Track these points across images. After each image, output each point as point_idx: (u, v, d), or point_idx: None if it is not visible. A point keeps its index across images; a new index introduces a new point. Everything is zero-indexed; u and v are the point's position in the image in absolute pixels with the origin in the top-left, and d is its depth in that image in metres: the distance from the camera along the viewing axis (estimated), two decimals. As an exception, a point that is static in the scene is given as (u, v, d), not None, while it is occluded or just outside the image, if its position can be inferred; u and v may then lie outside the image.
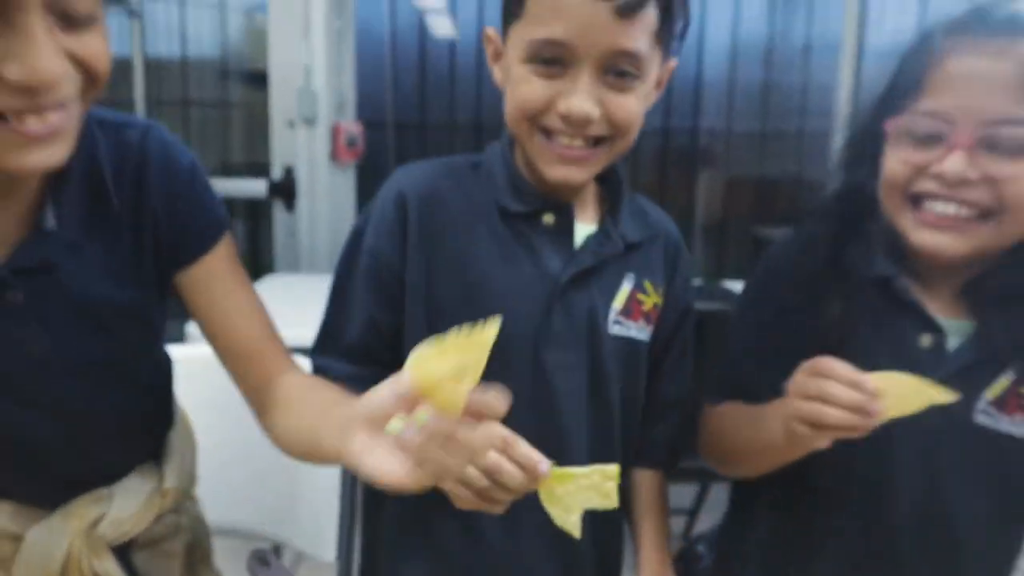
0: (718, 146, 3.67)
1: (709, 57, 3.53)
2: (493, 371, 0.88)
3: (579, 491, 0.71)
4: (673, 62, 0.91)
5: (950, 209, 0.75)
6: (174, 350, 1.03)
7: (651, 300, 0.97)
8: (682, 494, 2.60)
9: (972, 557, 0.85)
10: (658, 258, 0.99)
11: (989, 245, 0.77)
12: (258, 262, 4.39)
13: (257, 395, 0.88)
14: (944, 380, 0.79)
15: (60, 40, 0.59)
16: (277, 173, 3.06)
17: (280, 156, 3.08)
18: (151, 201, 0.77)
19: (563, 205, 0.92)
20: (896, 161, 0.79)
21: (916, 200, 0.79)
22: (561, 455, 0.89)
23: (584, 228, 0.94)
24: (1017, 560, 0.90)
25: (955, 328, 0.83)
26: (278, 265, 4.18)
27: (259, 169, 3.16)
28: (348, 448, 0.60)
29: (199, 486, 1.06)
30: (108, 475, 0.88)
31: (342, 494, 1.31)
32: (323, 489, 1.31)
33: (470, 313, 0.80)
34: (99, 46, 0.62)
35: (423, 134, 3.60)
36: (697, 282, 0.98)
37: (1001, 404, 0.80)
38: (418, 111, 3.57)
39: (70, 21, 0.59)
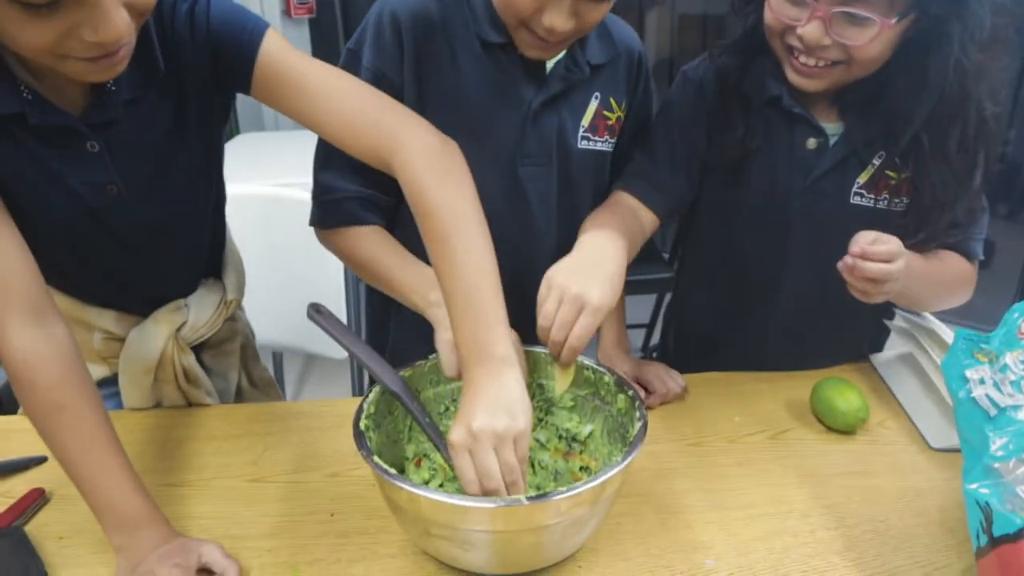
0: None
1: None
2: (479, 185, 1.05)
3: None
4: None
5: (811, 62, 0.94)
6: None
7: (615, 115, 1.08)
8: (640, 308, 2.88)
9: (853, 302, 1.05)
10: (622, 75, 1.08)
11: (842, 81, 0.96)
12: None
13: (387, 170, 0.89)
14: (826, 172, 1.03)
15: None
16: (232, 32, 3.05)
17: (233, 14, 3.07)
18: (186, 56, 0.86)
19: None
20: (771, 14, 0.96)
21: (789, 48, 0.96)
22: (533, 252, 1.09)
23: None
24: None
25: (833, 131, 1.04)
26: (243, 126, 4.21)
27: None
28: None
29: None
30: (183, 288, 1.07)
31: (347, 304, 1.52)
32: (329, 304, 1.52)
33: (456, 136, 0.92)
34: None
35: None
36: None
37: (871, 187, 1.03)
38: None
39: None
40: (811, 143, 1.03)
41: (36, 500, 0.88)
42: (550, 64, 1.03)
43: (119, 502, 0.77)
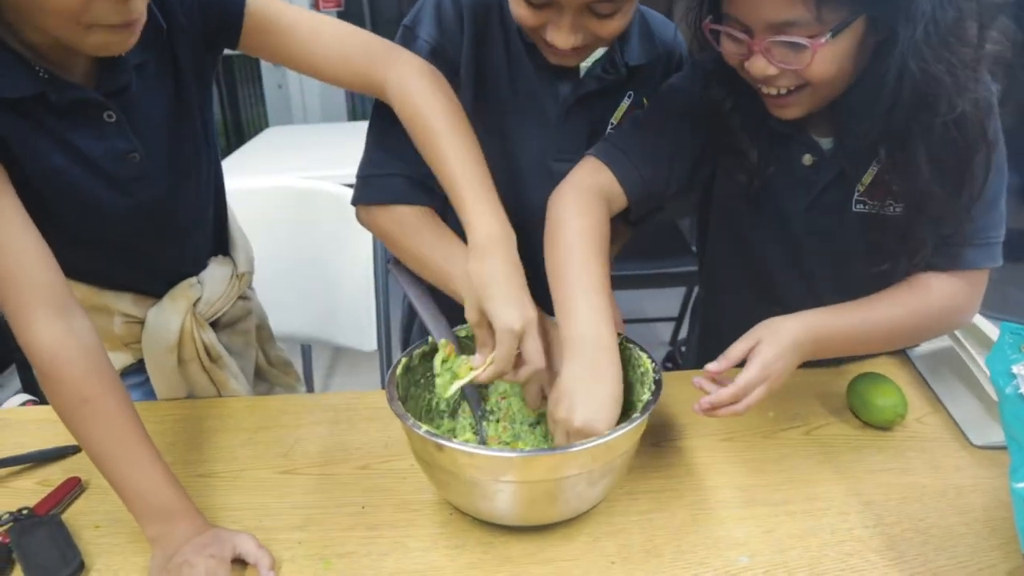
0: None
1: None
2: (513, 179, 1.04)
3: None
4: None
5: (772, 91, 0.90)
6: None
7: None
8: (668, 301, 2.85)
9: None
10: (659, 75, 1.07)
11: (821, 101, 0.92)
12: (253, 121, 4.46)
13: (380, 97, 0.97)
14: (827, 185, 1.00)
15: None
16: (261, 26, 3.08)
17: (261, 8, 3.09)
18: (176, 15, 0.89)
19: None
20: (726, 55, 0.91)
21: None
22: None
23: (593, 53, 1.00)
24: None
25: (828, 144, 1.00)
26: (272, 120, 4.25)
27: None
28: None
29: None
30: (195, 264, 1.08)
31: (377, 298, 1.53)
32: (358, 297, 1.53)
33: (502, 117, 0.97)
34: None
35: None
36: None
37: (871, 193, 0.99)
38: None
39: None
40: (807, 159, 1.00)
41: (73, 488, 0.89)
42: (587, 63, 1.02)
43: (151, 494, 0.77)
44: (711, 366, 0.84)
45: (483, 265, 0.84)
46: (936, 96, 0.83)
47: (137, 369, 1.09)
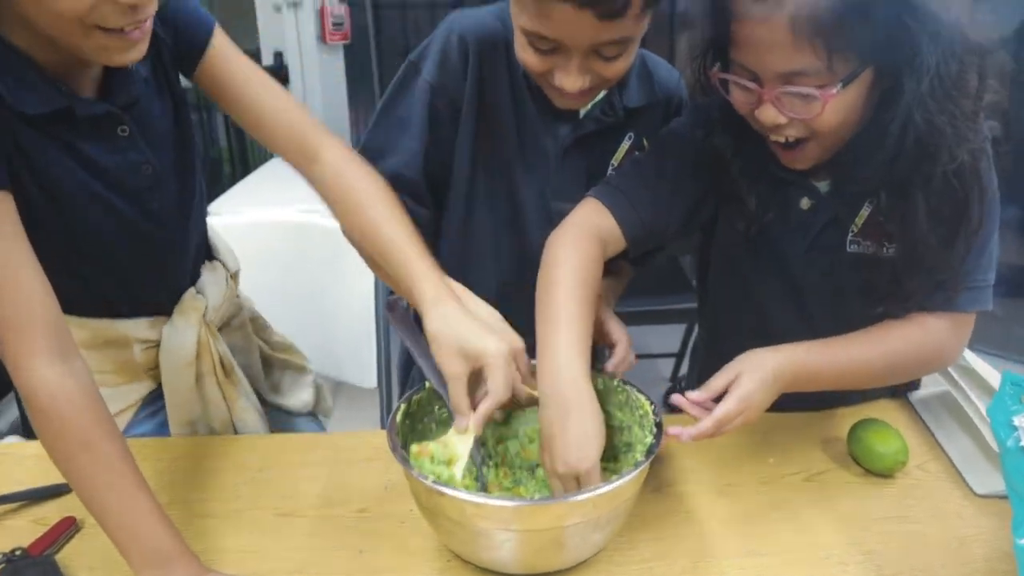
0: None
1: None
2: (512, 218, 1.05)
3: None
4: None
5: (781, 139, 0.92)
6: (215, 220, 1.23)
7: None
8: (669, 337, 2.85)
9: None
10: (659, 118, 1.09)
11: (823, 154, 0.94)
12: (259, 150, 4.49)
13: (305, 167, 0.98)
14: (822, 228, 1.01)
15: None
16: (267, 58, 3.12)
17: (268, 41, 3.13)
18: (159, 31, 0.92)
19: None
20: (735, 103, 0.93)
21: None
22: None
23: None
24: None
25: (825, 187, 1.02)
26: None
27: (247, 56, 3.22)
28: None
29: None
30: (194, 274, 1.10)
31: (377, 336, 1.53)
32: (358, 333, 1.53)
33: (502, 154, 0.98)
34: None
35: (404, 13, 3.63)
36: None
37: (865, 233, 1.00)
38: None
39: None
40: (805, 203, 1.01)
41: (68, 528, 0.88)
42: (584, 107, 1.03)
43: (147, 538, 0.77)
44: (692, 395, 0.85)
45: (446, 314, 0.82)
46: (938, 147, 0.84)
47: (155, 397, 1.10)
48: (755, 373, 0.87)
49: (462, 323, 0.81)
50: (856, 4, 0.79)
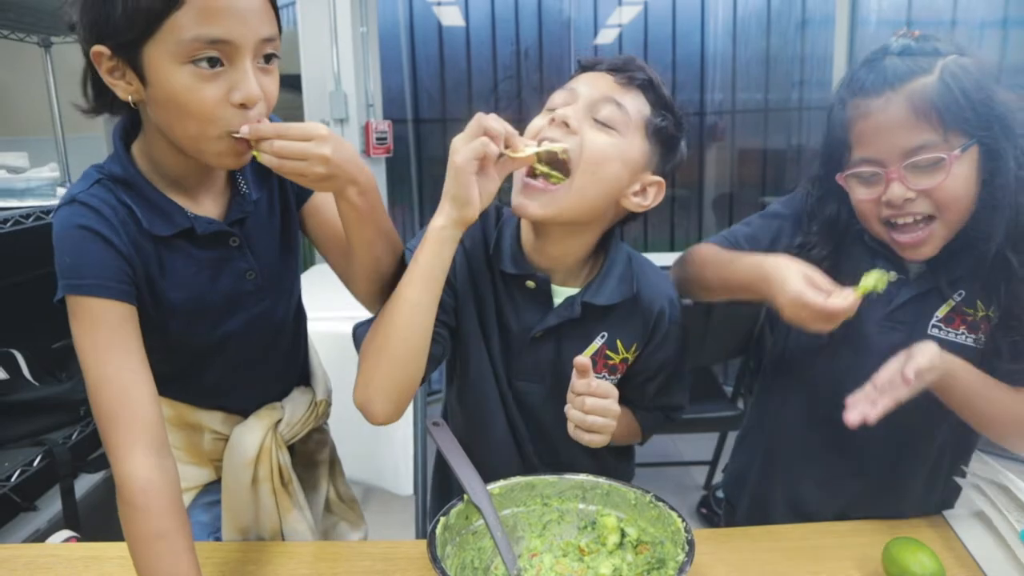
0: (724, 121, 3.86)
1: (710, 36, 3.71)
2: (478, 396, 1.14)
3: None
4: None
5: (907, 220, 1.00)
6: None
7: (619, 356, 1.12)
8: (702, 445, 2.83)
9: (930, 439, 1.13)
10: (637, 320, 1.11)
11: (945, 239, 1.01)
12: (302, 255, 4.64)
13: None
14: (905, 303, 1.08)
15: (258, 77, 0.87)
16: (314, 171, 3.28)
17: (316, 155, 3.30)
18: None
19: (544, 275, 1.08)
20: (858, 201, 1.04)
21: (888, 223, 1.03)
22: (522, 447, 1.16)
23: (566, 291, 1.09)
24: (970, 441, 1.16)
25: (914, 268, 1.08)
26: (319, 256, 4.41)
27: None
28: None
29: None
30: (282, 390, 1.17)
31: (415, 447, 1.56)
32: (396, 442, 1.57)
33: (475, 342, 1.10)
34: (275, 84, 0.90)
35: (443, 127, 3.82)
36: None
37: (949, 321, 1.06)
38: (439, 107, 3.80)
39: (264, 63, 0.88)
40: (891, 275, 1.04)
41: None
42: (560, 297, 1.10)
43: None
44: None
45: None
46: None
47: (215, 488, 1.16)
48: (928, 347, 0.95)
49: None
50: (958, 83, 0.94)
